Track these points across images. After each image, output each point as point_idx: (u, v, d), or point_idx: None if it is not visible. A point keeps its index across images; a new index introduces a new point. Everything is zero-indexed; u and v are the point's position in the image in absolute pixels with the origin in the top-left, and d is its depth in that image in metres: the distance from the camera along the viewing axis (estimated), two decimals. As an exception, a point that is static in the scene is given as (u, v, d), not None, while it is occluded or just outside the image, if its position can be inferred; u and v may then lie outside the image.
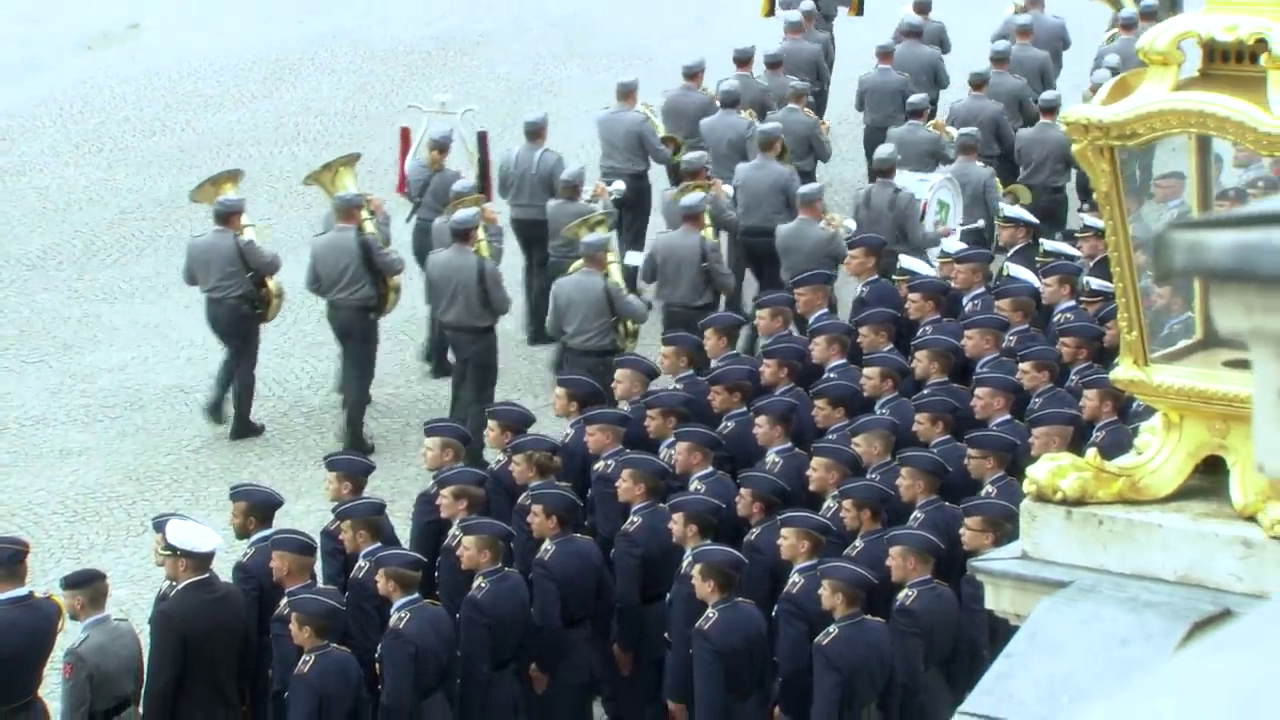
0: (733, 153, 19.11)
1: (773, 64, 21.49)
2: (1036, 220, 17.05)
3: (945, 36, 23.35)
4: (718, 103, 20.10)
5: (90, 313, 19.21)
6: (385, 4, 30.46)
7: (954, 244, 16.08)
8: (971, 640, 10.95)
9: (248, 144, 24.18)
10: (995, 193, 18.21)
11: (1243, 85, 6.65)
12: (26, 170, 23.16)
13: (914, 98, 19.43)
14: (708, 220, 16.71)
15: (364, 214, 16.61)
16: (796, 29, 22.81)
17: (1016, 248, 16.23)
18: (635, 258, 17.35)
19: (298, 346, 18.47)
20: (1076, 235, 16.36)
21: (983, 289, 15.03)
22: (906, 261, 15.60)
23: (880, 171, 17.72)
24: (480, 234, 16.24)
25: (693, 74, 20.75)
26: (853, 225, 17.17)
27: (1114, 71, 18.43)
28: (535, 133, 18.90)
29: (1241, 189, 10.33)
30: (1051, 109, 19.21)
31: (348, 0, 30.67)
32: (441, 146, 18.32)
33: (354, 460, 12.25)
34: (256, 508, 11.75)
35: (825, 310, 14.88)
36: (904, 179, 17.81)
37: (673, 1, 30.85)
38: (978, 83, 20.66)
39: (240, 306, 16.57)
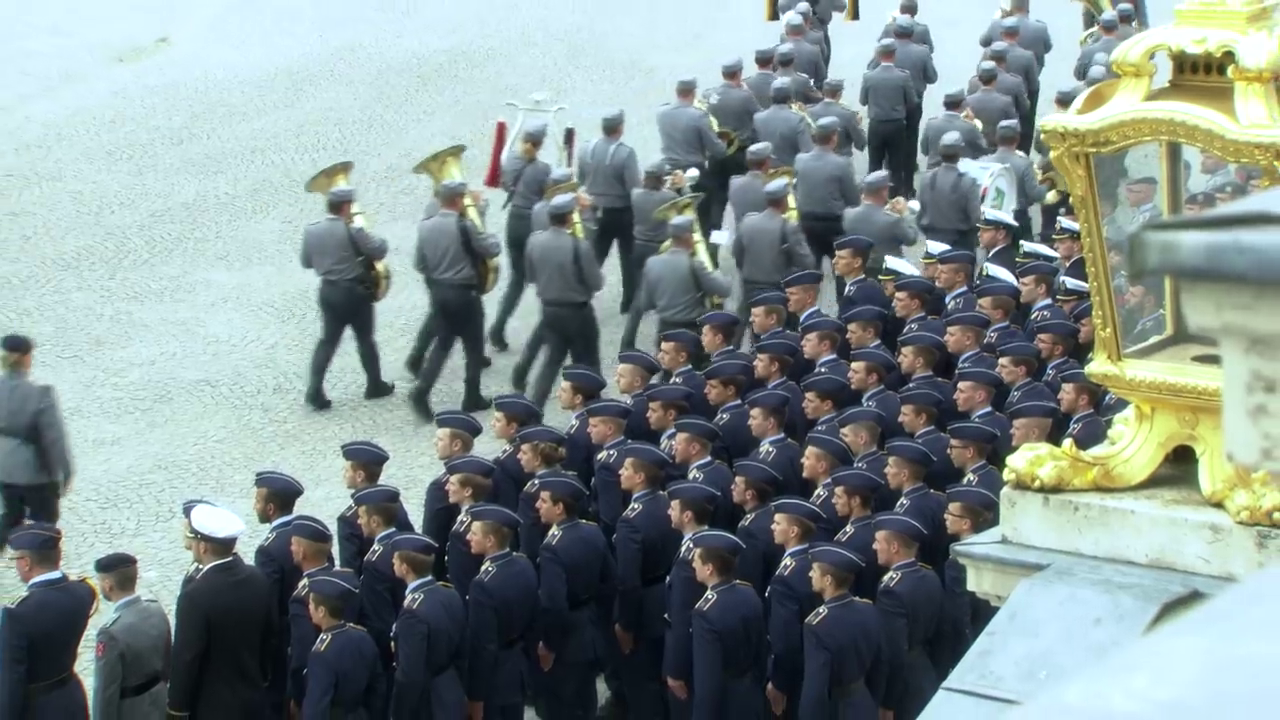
0: (785, 145, 19.56)
1: (785, 61, 21.84)
2: (1016, 224, 17.07)
3: (929, 36, 23.90)
4: (771, 99, 20.54)
5: (121, 311, 19.20)
6: (400, 19, 30.47)
7: (937, 246, 16.07)
8: (954, 620, 10.94)
9: (270, 151, 24.17)
10: (1033, 180, 18.72)
11: (1211, 95, 6.64)
12: (61, 176, 23.15)
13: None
14: (791, 204, 17.23)
15: (466, 201, 17.11)
16: (798, 31, 23.19)
17: (997, 249, 16.22)
18: (719, 237, 17.83)
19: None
20: (1054, 237, 16.35)
21: (965, 288, 15.01)
22: (892, 262, 15.60)
23: (946, 157, 18.20)
24: (575, 217, 16.80)
25: (732, 73, 21.22)
26: (916, 207, 17.74)
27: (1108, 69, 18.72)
28: (611, 128, 19.31)
29: (1210, 193, 10.33)
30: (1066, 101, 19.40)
31: (364, 16, 30.66)
32: (535, 140, 18.83)
33: (369, 450, 12.25)
34: (276, 495, 11.74)
35: (816, 308, 14.87)
36: (966, 165, 18.32)
37: (671, 16, 30.85)
38: (988, 78, 21.29)
39: (353, 288, 16.92)
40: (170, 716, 10.97)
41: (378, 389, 17.26)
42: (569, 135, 19.79)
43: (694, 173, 19.27)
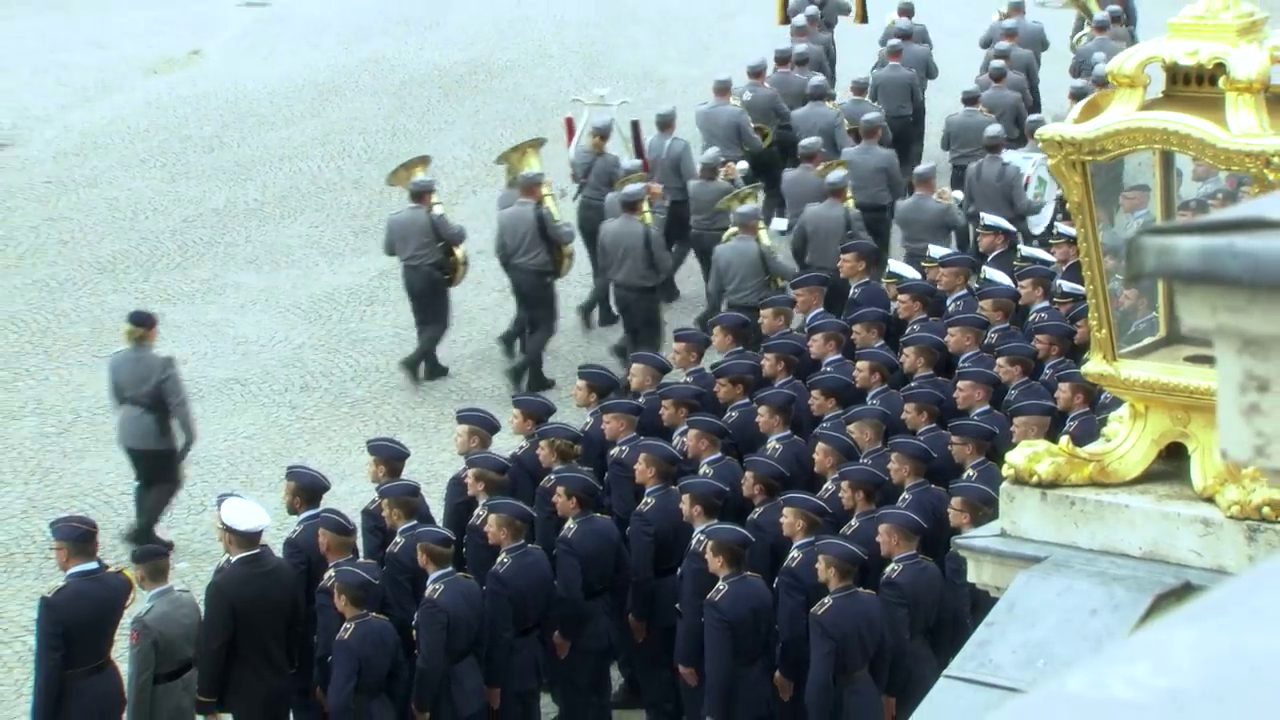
0: (824, 139, 19.94)
1: (800, 61, 22.36)
2: (1014, 229, 17.07)
3: (928, 36, 24.49)
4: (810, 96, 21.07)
5: (155, 312, 19.21)
6: (421, 33, 30.49)
7: (938, 250, 16.06)
8: (955, 610, 10.93)
9: (297, 159, 24.19)
10: None
11: (1203, 105, 6.62)
12: (98, 183, 23.18)
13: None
14: (849, 194, 17.66)
15: (544, 190, 17.50)
16: (803, 32, 23.69)
17: (996, 253, 16.20)
18: (779, 224, 18.18)
19: (343, 343, 18.46)
20: (1050, 241, 16.32)
21: (965, 291, 14.99)
22: (895, 266, 15.60)
23: (990, 148, 18.60)
24: (645, 205, 17.23)
25: (757, 72, 21.73)
26: (960, 196, 18.03)
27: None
28: (665, 124, 19.64)
29: (1201, 200, 10.31)
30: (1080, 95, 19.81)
31: (388, 29, 30.69)
32: (603, 134, 19.23)
33: (391, 446, 12.25)
34: (303, 489, 11.75)
35: (821, 309, 14.85)
36: (1009, 155, 18.72)
37: (682, 29, 30.85)
38: (998, 75, 21.78)
39: (433, 273, 17.30)
40: (199, 702, 10.99)
41: (434, 370, 17.56)
42: (634, 127, 20.12)
43: (744, 165, 19.67)
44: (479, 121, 25.79)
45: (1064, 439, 7.16)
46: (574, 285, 18.87)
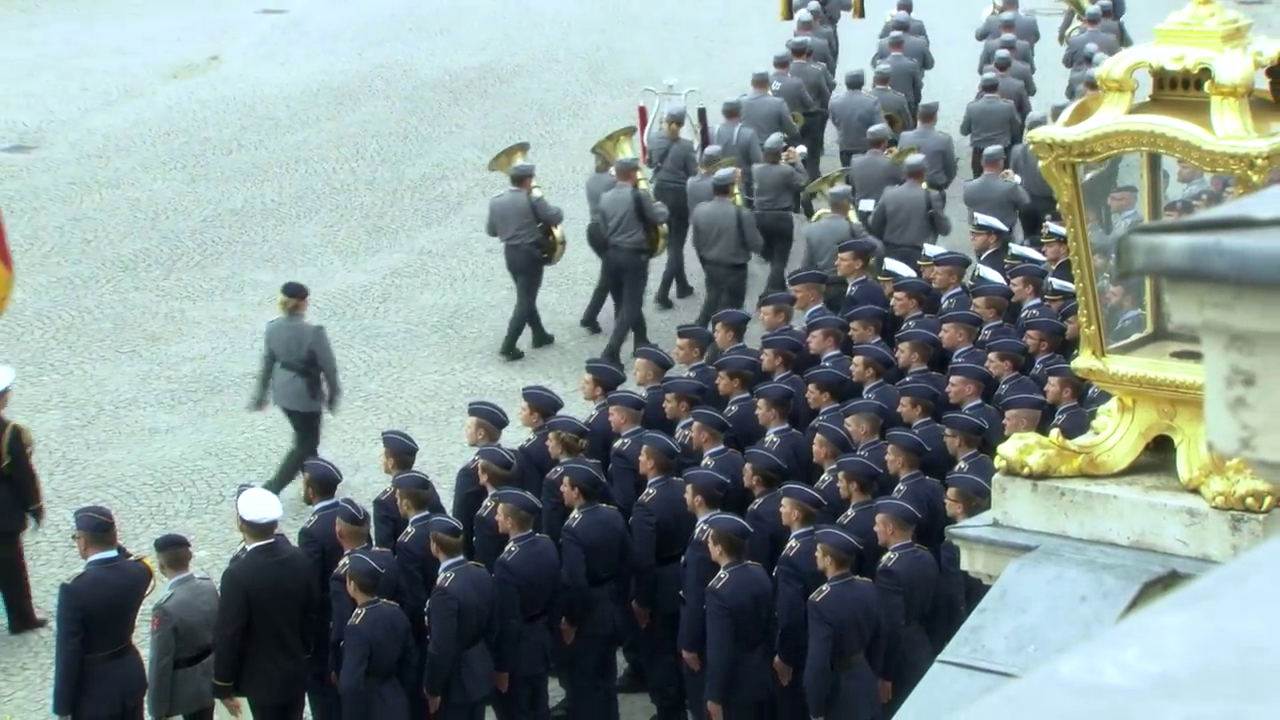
0: (862, 125, 20.65)
1: (806, 51, 23.07)
2: (1006, 228, 17.05)
3: (925, 29, 25.21)
4: (844, 86, 22.08)
5: (175, 309, 19.22)
6: (433, 38, 30.48)
7: (934, 249, 16.04)
8: (949, 598, 10.92)
9: (313, 161, 24.18)
10: None
11: (1189, 109, 6.62)
12: (120, 184, 23.18)
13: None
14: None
15: (639, 174, 18.20)
16: (808, 26, 24.28)
17: (988, 252, 16.18)
18: (866, 204, 18.43)
19: (357, 339, 18.46)
20: (1041, 240, 16.30)
21: (959, 289, 14.97)
22: (891, 264, 15.58)
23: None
24: (735, 188, 17.94)
25: (783, 63, 22.54)
26: (1018, 179, 18.38)
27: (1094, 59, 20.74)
28: (731, 112, 20.33)
29: (1187, 201, 10.30)
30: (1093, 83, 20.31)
31: (400, 36, 30.68)
32: (678, 120, 19.83)
33: (400, 440, 12.26)
34: (316, 480, 11.80)
35: (820, 305, 14.83)
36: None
37: (685, 36, 30.83)
38: (1003, 64, 22.49)
39: (532, 251, 17.83)
40: (216, 686, 11.00)
41: (511, 349, 17.99)
42: (701, 115, 20.61)
43: (803, 149, 20.28)
44: (488, 125, 25.77)
45: (1054, 432, 7.15)
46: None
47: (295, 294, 15.08)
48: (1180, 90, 6.72)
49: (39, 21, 31.80)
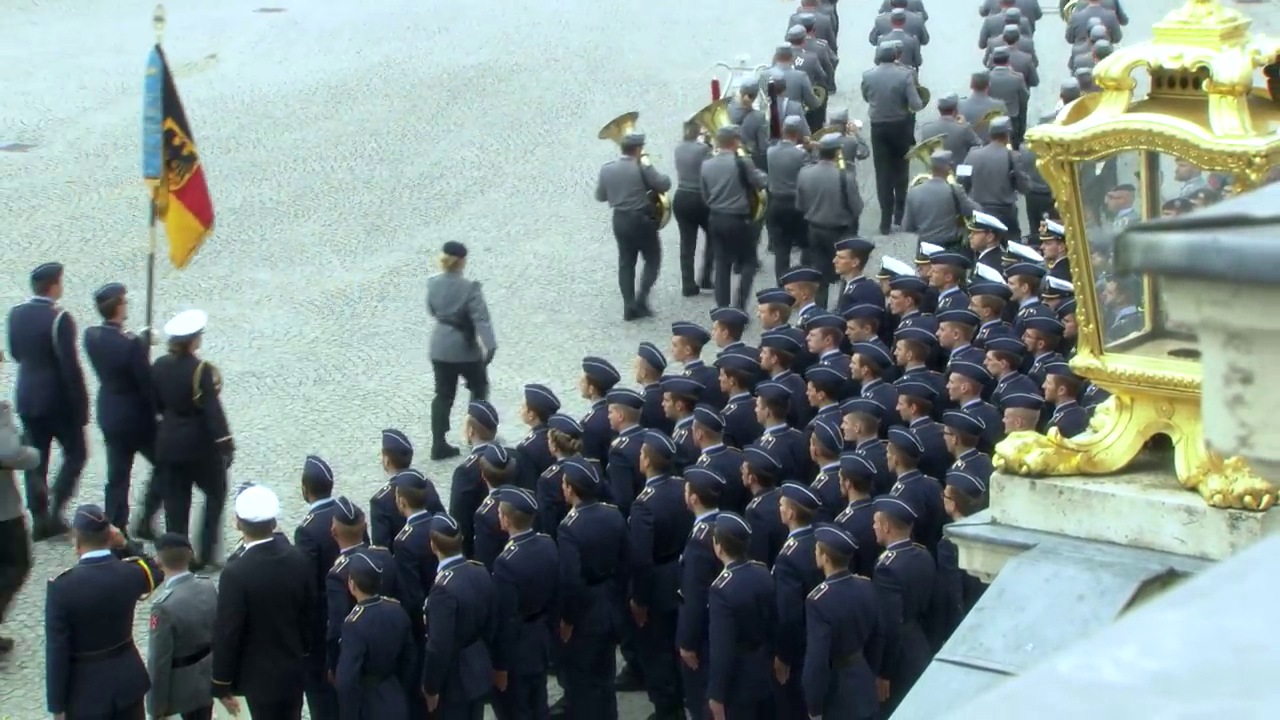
0: (895, 97, 21.91)
1: (811, 28, 24.17)
2: (1005, 227, 17.05)
3: (922, 5, 26.20)
4: (874, 60, 23.07)
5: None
6: (430, 37, 30.47)
7: (930, 248, 16.04)
8: (947, 596, 10.92)
9: (311, 160, 24.18)
10: None
11: (1187, 107, 6.62)
12: (119, 182, 23.15)
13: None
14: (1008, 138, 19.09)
15: (739, 142, 18.94)
16: (811, 3, 25.23)
17: (986, 251, 16.17)
18: (964, 170, 18.90)
19: (355, 337, 18.46)
20: (1040, 239, 16.29)
21: (956, 287, 14.97)
22: (889, 262, 15.57)
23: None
24: (840, 153, 18.75)
25: (798, 39, 23.60)
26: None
27: (1099, 43, 22.35)
28: (777, 88, 21.18)
29: (1184, 199, 10.30)
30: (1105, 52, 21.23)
31: (398, 34, 30.67)
32: (751, 93, 20.78)
33: (396, 440, 12.27)
34: (308, 480, 11.83)
35: (813, 304, 14.82)
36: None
37: (683, 34, 30.83)
38: (1012, 38, 23.47)
39: (641, 217, 18.60)
40: (214, 685, 11.00)
41: (641, 311, 18.74)
42: (771, 89, 21.28)
43: (858, 122, 21.16)
44: (487, 123, 25.77)
45: (1052, 430, 7.15)
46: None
47: (455, 252, 15.82)
48: (1179, 89, 6.72)
49: (37, 20, 31.80)
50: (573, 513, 11.55)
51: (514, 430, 14.18)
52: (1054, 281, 14.51)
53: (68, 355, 14.12)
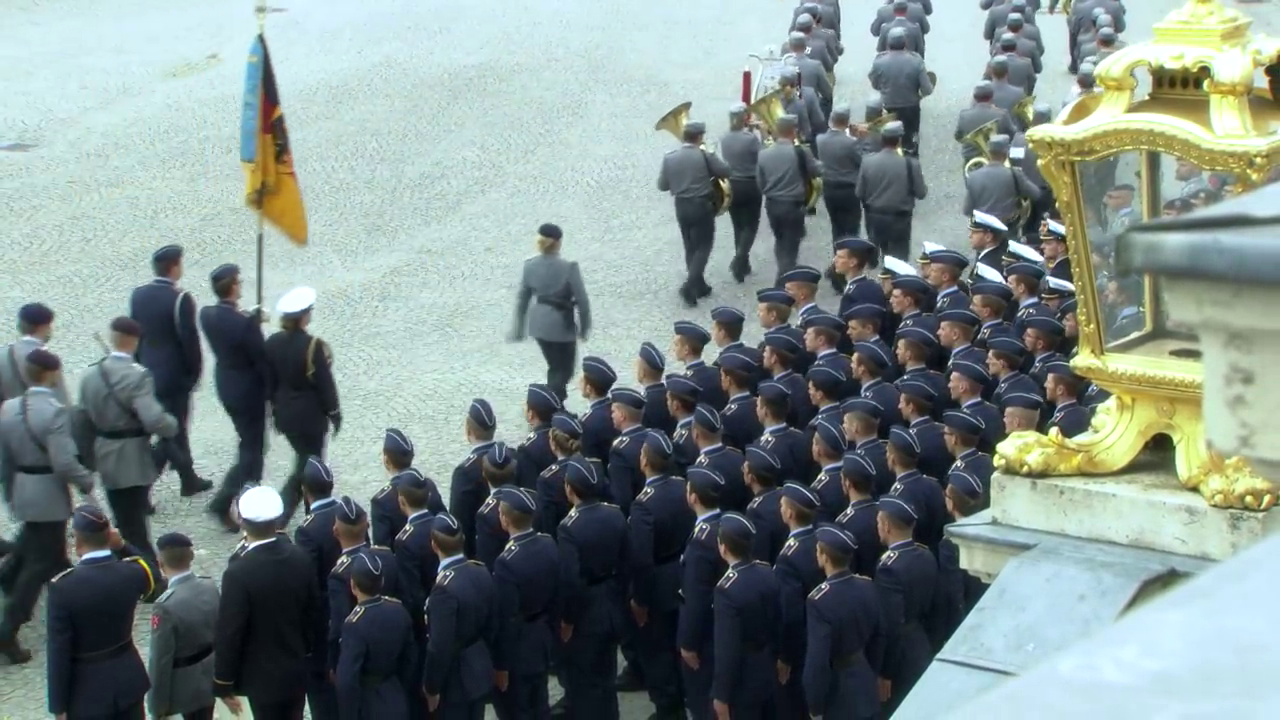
0: (909, 84, 22.79)
1: (817, 17, 25.03)
2: (1005, 227, 17.04)
3: None
4: (889, 47, 23.74)
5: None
6: (432, 38, 30.47)
7: (930, 246, 16.03)
8: (948, 596, 10.92)
9: (312, 159, 24.17)
10: None
11: (1188, 107, 6.62)
12: (119, 182, 23.17)
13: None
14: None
15: (797, 132, 19.67)
16: None
17: (986, 250, 16.17)
18: (1017, 152, 19.28)
19: (356, 337, 18.47)
20: (1040, 239, 16.29)
21: (954, 287, 14.96)
22: (890, 262, 15.57)
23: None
24: (900, 141, 19.54)
25: (806, 27, 24.46)
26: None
27: (1103, 32, 23.74)
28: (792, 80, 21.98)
29: (1185, 199, 10.30)
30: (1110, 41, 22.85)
31: (399, 34, 30.66)
32: (791, 82, 21.70)
33: (396, 440, 12.29)
34: (309, 480, 11.86)
35: (813, 304, 14.82)
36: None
37: (684, 34, 30.83)
38: (1016, 26, 24.35)
39: (705, 204, 19.17)
40: (217, 685, 11.00)
41: (698, 288, 19.33)
42: (797, 80, 22.10)
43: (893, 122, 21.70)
44: (488, 123, 25.77)
45: (1053, 430, 7.15)
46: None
47: (552, 234, 16.32)
48: (1179, 89, 6.71)
49: (38, 20, 31.80)
50: (573, 513, 11.55)
51: (515, 430, 14.19)
52: (1054, 281, 14.51)
53: (187, 333, 14.89)
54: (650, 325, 18.25)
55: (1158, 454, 6.90)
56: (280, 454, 14.97)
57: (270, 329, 14.80)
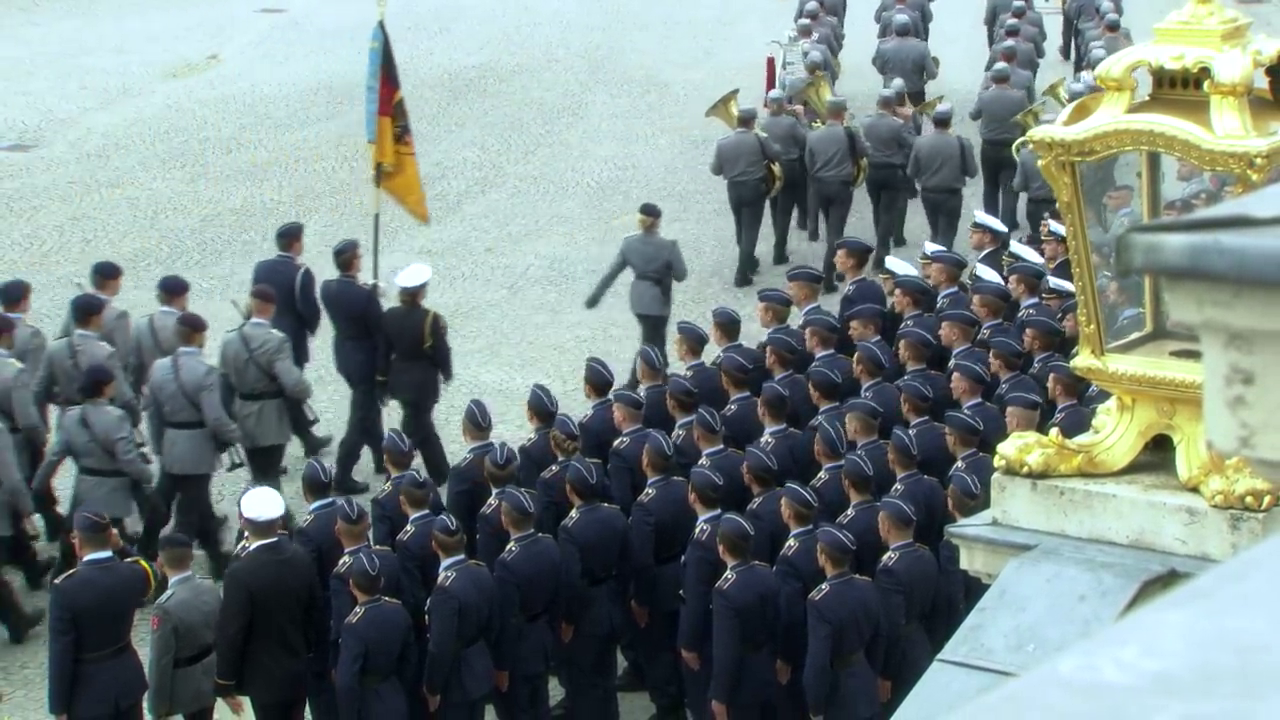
0: (915, 69, 23.57)
1: (824, 4, 25.57)
2: (1005, 228, 17.04)
3: None
4: (895, 33, 24.38)
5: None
6: (432, 38, 30.47)
7: (931, 246, 16.02)
8: (948, 597, 10.92)
9: (312, 160, 24.18)
10: None
11: (1188, 108, 6.62)
12: (120, 183, 23.17)
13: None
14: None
15: (847, 114, 20.36)
16: None
17: (986, 251, 16.16)
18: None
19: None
20: (1041, 239, 16.28)
21: (954, 287, 14.95)
22: (890, 262, 15.57)
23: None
24: (951, 122, 20.00)
25: (814, 14, 25.04)
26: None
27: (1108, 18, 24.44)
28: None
29: (1185, 199, 10.30)
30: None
31: (399, 34, 30.57)
32: (817, 65, 22.18)
33: (395, 442, 12.30)
34: (307, 481, 11.86)
35: (816, 304, 14.80)
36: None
37: (684, 35, 30.83)
38: (1019, 13, 24.98)
39: (758, 186, 19.76)
40: (218, 685, 11.00)
41: (750, 266, 20.02)
42: (815, 67, 22.55)
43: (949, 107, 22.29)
44: (487, 124, 25.77)
45: (1053, 431, 7.15)
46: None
47: (652, 213, 16.96)
48: (1180, 89, 6.71)
49: (38, 20, 31.80)
50: (573, 513, 11.56)
51: (517, 431, 14.19)
52: (1053, 281, 14.50)
53: (308, 304, 15.60)
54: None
55: (1158, 454, 6.90)
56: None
57: (387, 303, 15.49)
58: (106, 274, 15.15)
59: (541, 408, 12.69)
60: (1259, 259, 2.55)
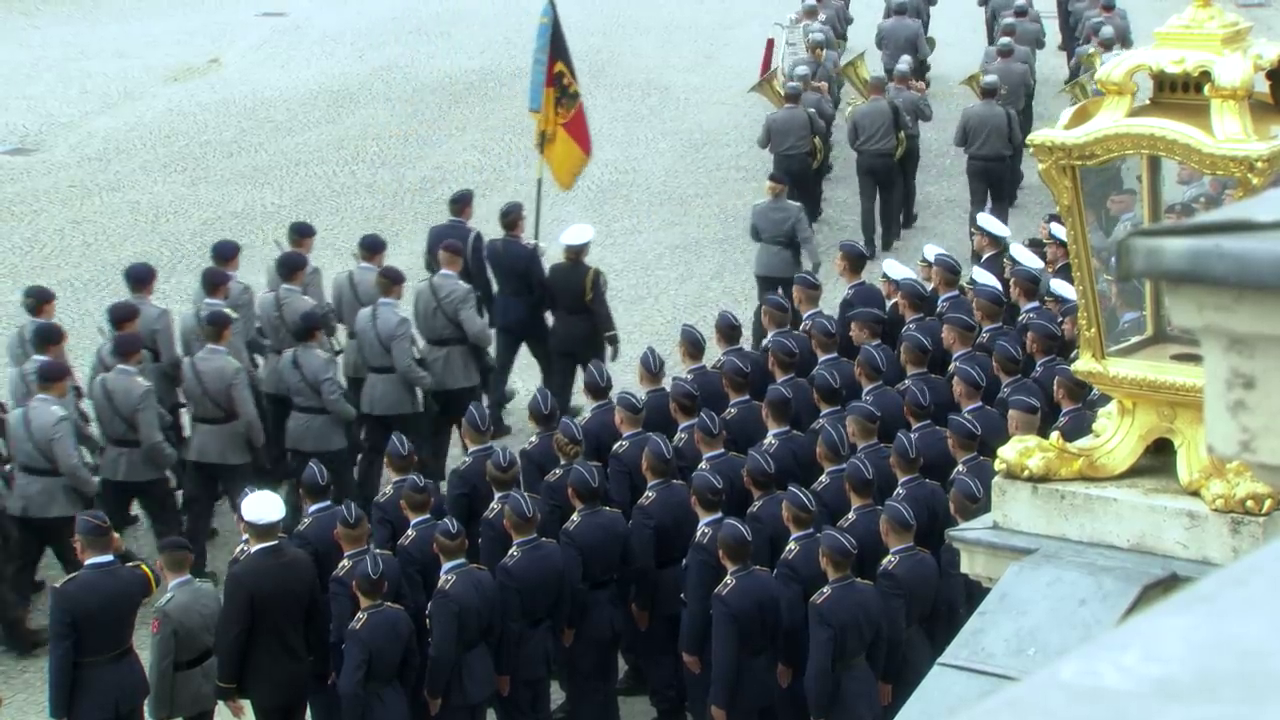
0: (908, 47, 24.36)
1: None
2: (1007, 233, 17.01)
3: None
4: (891, 13, 25.50)
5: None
6: (433, 42, 30.48)
7: (931, 250, 16.02)
8: (949, 600, 10.93)
9: (313, 164, 24.18)
10: None
11: (1189, 112, 6.62)
12: (120, 187, 23.17)
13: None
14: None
15: (889, 88, 21.13)
16: None
17: (987, 255, 16.16)
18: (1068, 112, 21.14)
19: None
20: (1043, 243, 16.27)
21: (954, 291, 14.96)
22: (889, 267, 15.57)
23: (986, 93, 21.39)
24: (1000, 93, 20.78)
25: (812, 9, 25.55)
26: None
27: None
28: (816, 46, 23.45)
29: (1186, 203, 10.30)
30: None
31: (400, 39, 30.67)
32: (821, 46, 22.99)
33: (395, 445, 12.30)
34: (306, 483, 11.86)
35: (818, 310, 14.81)
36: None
37: (685, 39, 30.84)
38: (1021, 11, 25.54)
39: (805, 160, 20.67)
40: (219, 688, 11.00)
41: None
42: (817, 46, 23.26)
43: (923, 84, 23.07)
44: (488, 127, 25.78)
45: (1054, 434, 7.15)
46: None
47: (780, 180, 18.18)
48: (1180, 93, 6.71)
49: (39, 24, 31.81)
50: (575, 517, 11.56)
51: (519, 434, 14.18)
52: (1053, 286, 14.50)
53: (478, 265, 16.53)
54: (651, 330, 18.25)
55: (1159, 458, 6.89)
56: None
57: (548, 261, 16.28)
58: (304, 233, 16.26)
59: (537, 411, 12.70)
60: (1260, 263, 2.55)
